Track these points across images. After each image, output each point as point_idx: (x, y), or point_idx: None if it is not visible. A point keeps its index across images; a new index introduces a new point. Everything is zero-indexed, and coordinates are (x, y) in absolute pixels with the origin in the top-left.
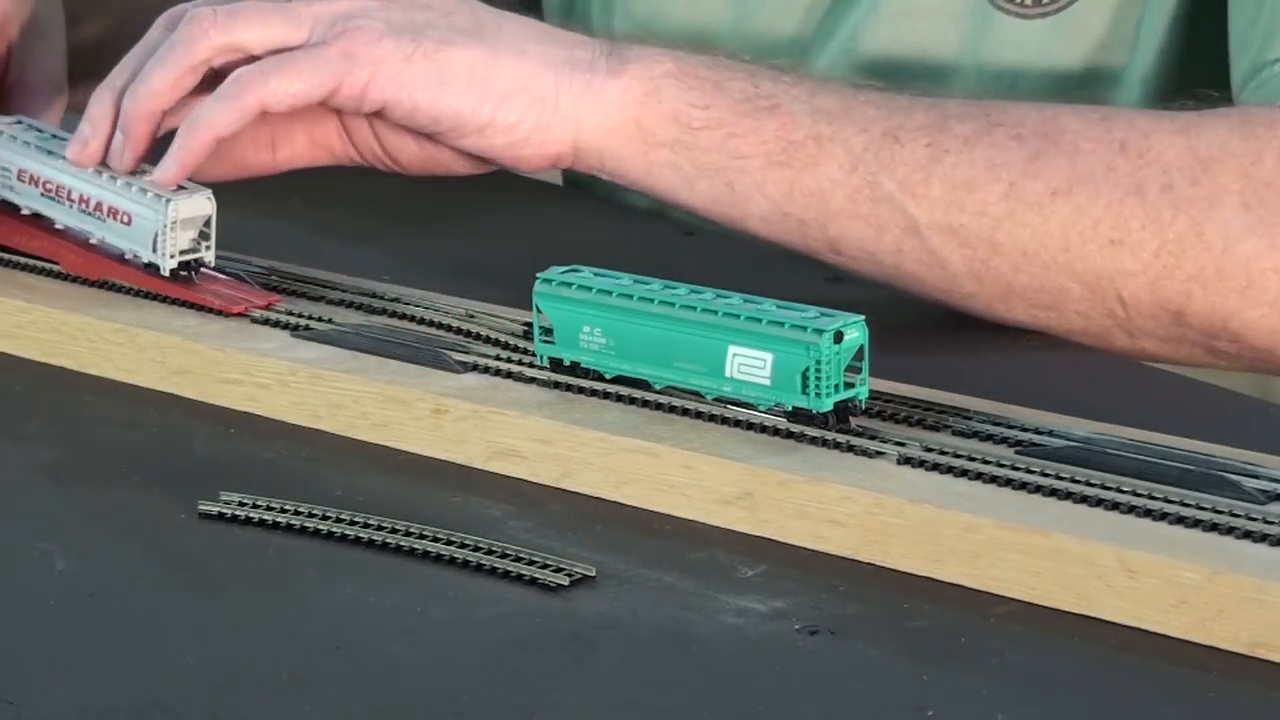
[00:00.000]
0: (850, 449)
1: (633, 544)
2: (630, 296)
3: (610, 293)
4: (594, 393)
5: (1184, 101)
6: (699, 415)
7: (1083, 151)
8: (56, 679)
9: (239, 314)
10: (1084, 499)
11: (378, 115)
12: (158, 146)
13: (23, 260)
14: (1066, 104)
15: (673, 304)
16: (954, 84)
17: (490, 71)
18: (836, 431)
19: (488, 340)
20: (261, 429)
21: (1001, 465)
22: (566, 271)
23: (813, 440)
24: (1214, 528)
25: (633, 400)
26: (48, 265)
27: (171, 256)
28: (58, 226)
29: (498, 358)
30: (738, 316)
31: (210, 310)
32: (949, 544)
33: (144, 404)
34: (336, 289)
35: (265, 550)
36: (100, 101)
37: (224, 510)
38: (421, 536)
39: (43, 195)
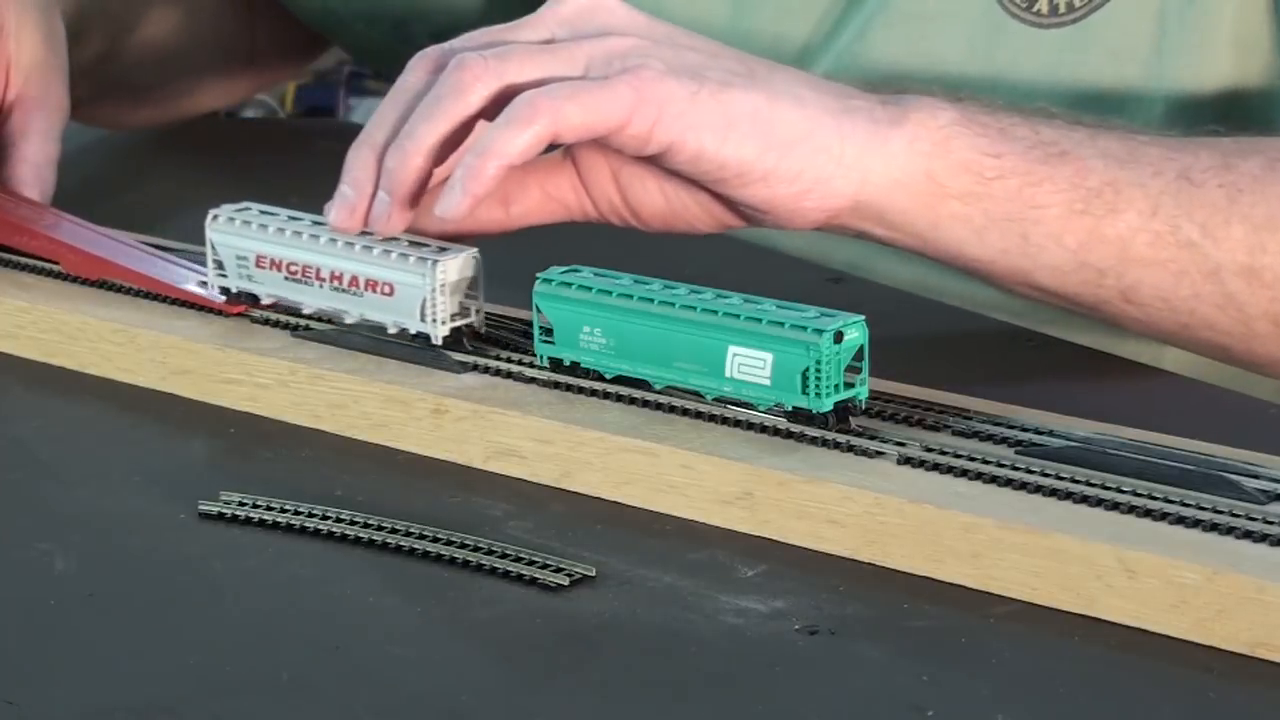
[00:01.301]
0: (850, 449)
1: (633, 544)
2: (630, 296)
3: (610, 293)
4: (594, 393)
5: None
6: (699, 415)
7: None
8: (56, 679)
9: (239, 314)
10: (1084, 499)
11: (653, 159)
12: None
13: (23, 260)
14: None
15: (673, 304)
16: (964, 92)
17: (772, 117)
18: (836, 431)
19: (487, 340)
20: (261, 429)
21: (1001, 465)
22: (566, 272)
23: (812, 440)
24: (1214, 528)
25: (633, 400)
26: (48, 265)
27: (442, 323)
28: (305, 312)
29: (498, 357)
30: (738, 316)
31: (210, 310)
32: (949, 544)
33: (144, 404)
34: None
35: (265, 550)
36: (361, 160)
37: (224, 510)
38: (421, 536)
39: (287, 279)
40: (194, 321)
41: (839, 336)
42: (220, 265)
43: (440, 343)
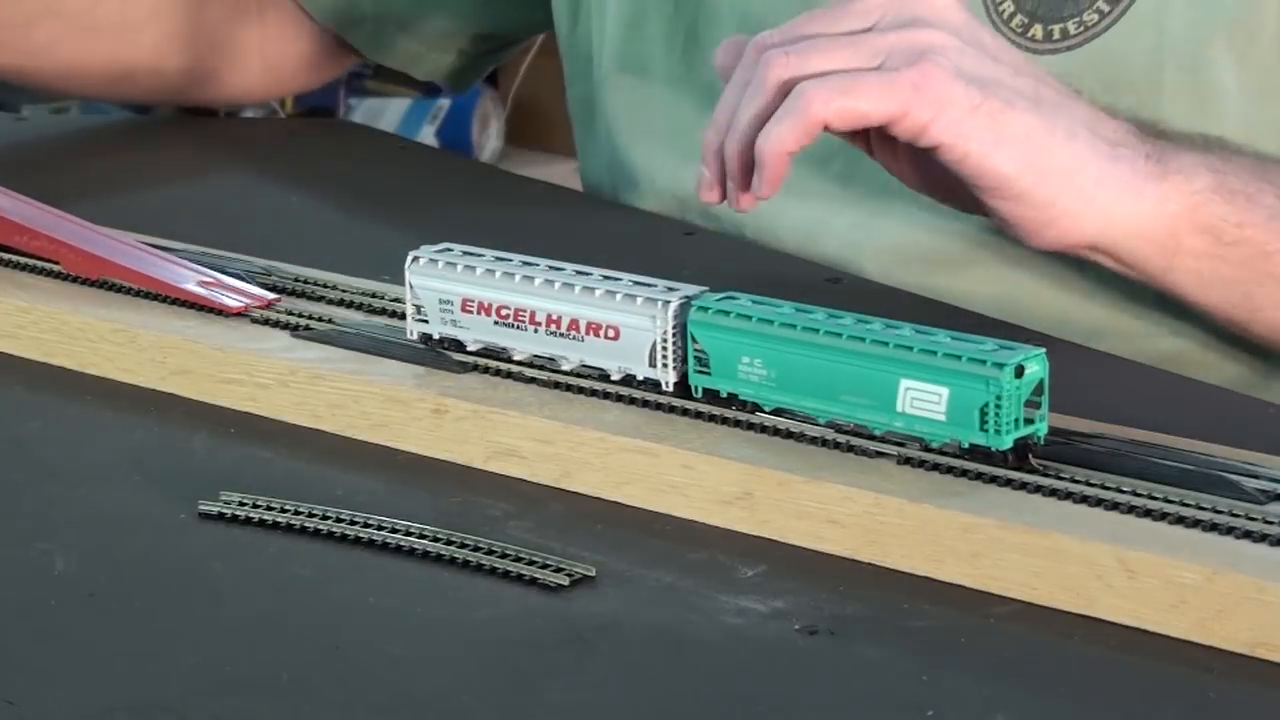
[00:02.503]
0: (850, 449)
1: (633, 544)
2: (794, 326)
3: (772, 321)
4: (594, 393)
5: None
6: (699, 415)
7: None
8: (56, 679)
9: (239, 314)
10: (1084, 499)
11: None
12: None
13: (23, 260)
14: None
15: (840, 334)
16: None
17: (1043, 144)
18: (1016, 470)
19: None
20: (261, 429)
21: (1001, 465)
22: (723, 298)
23: (812, 440)
24: (1214, 528)
25: (633, 400)
26: (48, 265)
27: (673, 368)
28: (515, 358)
29: (497, 357)
30: (911, 348)
31: (210, 310)
32: (949, 544)
33: (144, 404)
34: (336, 289)
35: (265, 550)
36: (707, 144)
37: (224, 510)
38: (421, 536)
39: (497, 324)
40: (194, 321)
41: (1020, 370)
42: (420, 309)
43: (671, 389)
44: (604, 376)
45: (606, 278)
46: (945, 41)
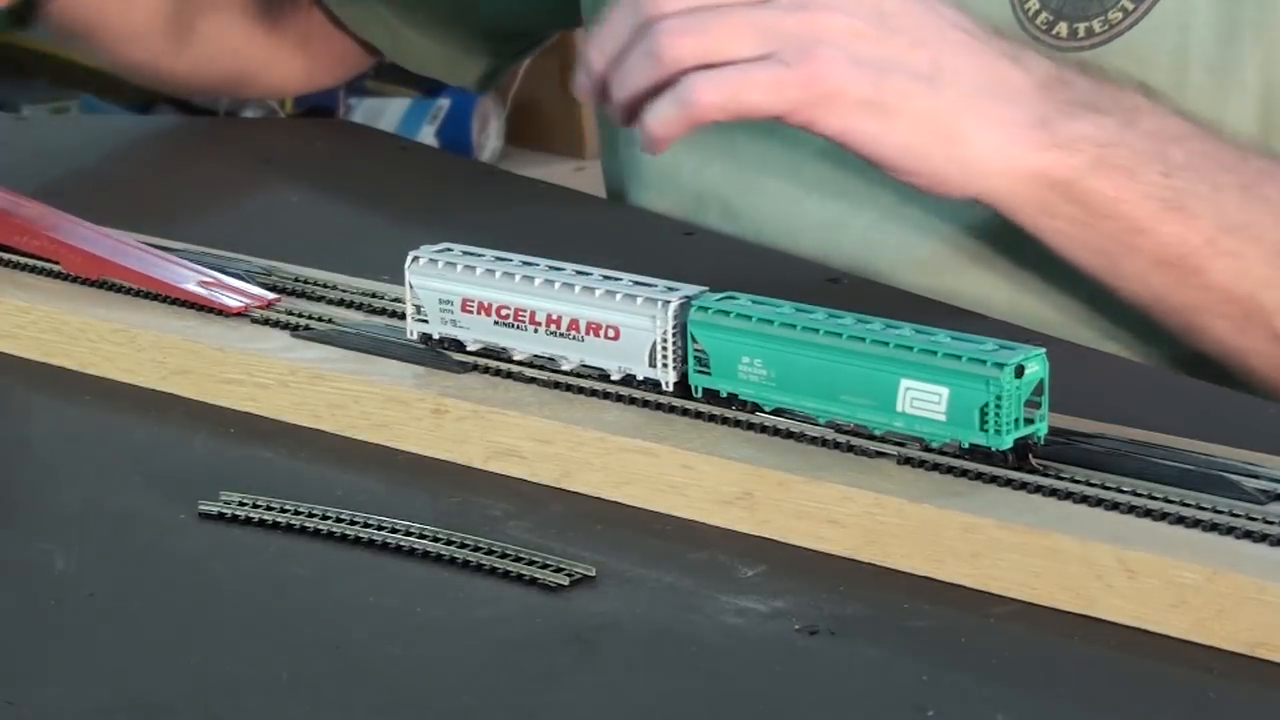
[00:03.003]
0: (850, 449)
1: (633, 544)
2: (794, 326)
3: (772, 321)
4: (594, 393)
5: None
6: (699, 415)
7: None
8: (56, 679)
9: (239, 314)
10: (1084, 499)
11: None
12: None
13: (23, 260)
14: None
15: (840, 334)
16: None
17: (934, 125)
18: (1015, 470)
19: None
20: (261, 429)
21: (1001, 465)
22: (723, 299)
23: (812, 440)
24: (1214, 528)
25: (633, 400)
26: (48, 265)
27: (673, 368)
28: (515, 358)
29: (497, 357)
30: (910, 348)
31: (210, 310)
32: (949, 544)
33: (144, 404)
34: (336, 289)
35: (265, 550)
36: (590, 61)
37: (224, 510)
38: (421, 536)
39: (497, 324)
40: (194, 321)
41: (1020, 370)
42: (420, 309)
43: (671, 389)
44: (604, 376)
45: (606, 278)
46: (842, 25)
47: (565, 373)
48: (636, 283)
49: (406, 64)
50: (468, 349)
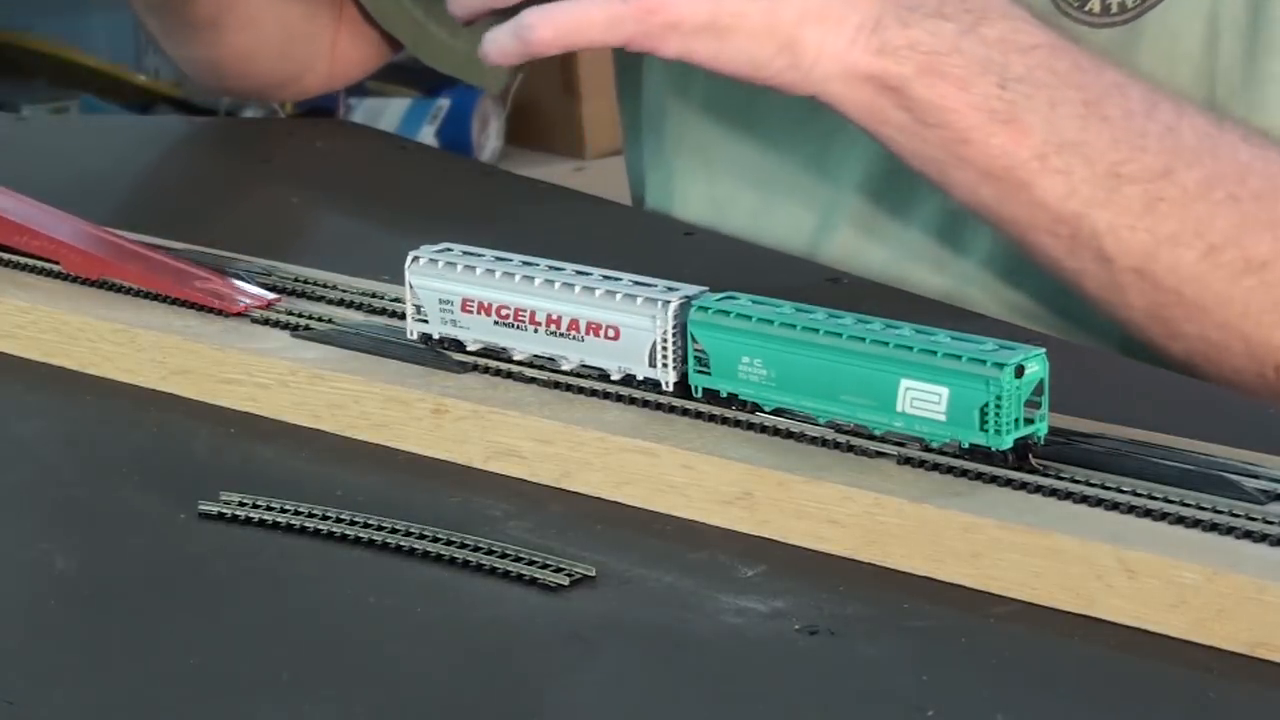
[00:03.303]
0: (850, 449)
1: (633, 544)
2: (793, 326)
3: (772, 321)
4: (594, 393)
5: None
6: (699, 415)
7: None
8: (56, 679)
9: (239, 314)
10: (1084, 499)
11: None
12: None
13: (23, 260)
14: None
15: (840, 334)
16: None
17: (773, 39)
18: (1015, 470)
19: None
20: (261, 429)
21: (1001, 465)
22: (723, 299)
23: (812, 440)
24: (1214, 528)
25: (633, 400)
26: (48, 265)
27: (673, 368)
28: (515, 358)
29: (497, 357)
30: (910, 348)
31: (210, 310)
32: (949, 544)
33: (144, 404)
34: (336, 289)
35: (265, 550)
36: None
37: (224, 510)
38: (421, 536)
39: (497, 324)
40: (194, 321)
41: (1020, 370)
42: (420, 310)
43: (671, 389)
44: (604, 376)
45: (606, 278)
46: None
47: (565, 373)
48: (636, 283)
49: (429, 60)
50: (468, 349)
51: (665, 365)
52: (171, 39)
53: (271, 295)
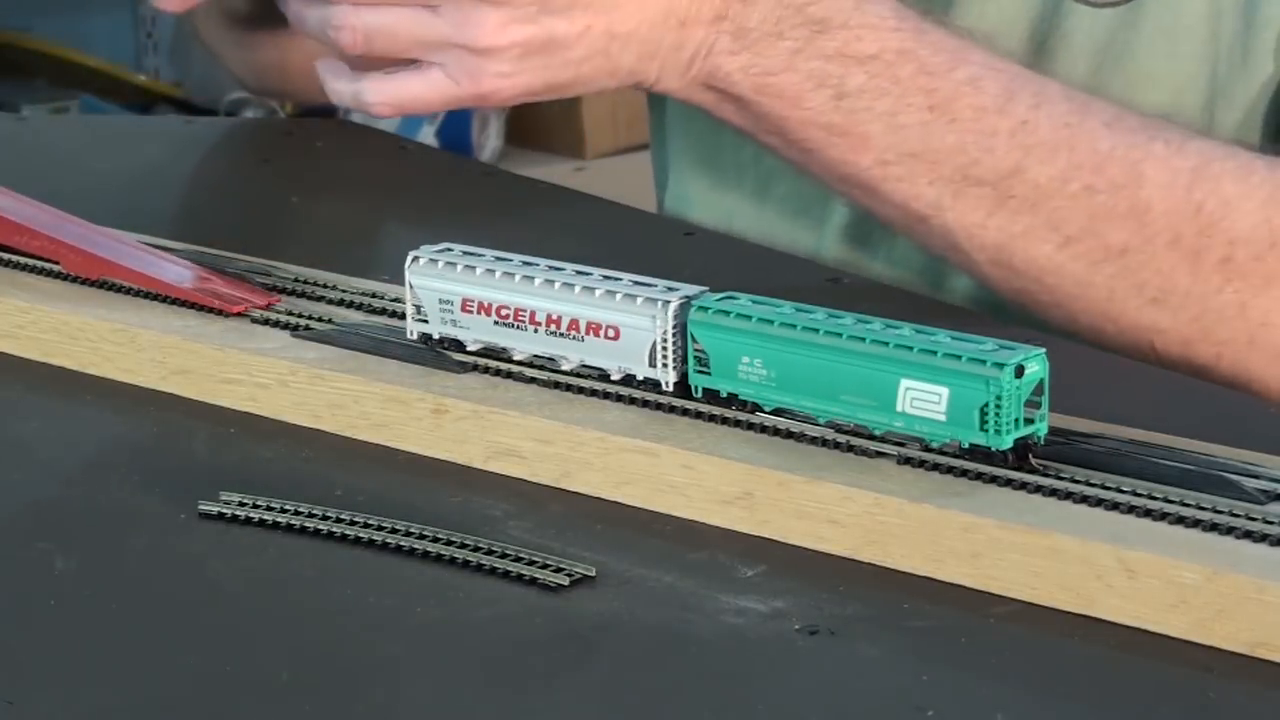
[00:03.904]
0: (850, 449)
1: (633, 544)
2: (794, 326)
3: (772, 321)
4: (594, 393)
5: None
6: (699, 415)
7: (1153, 213)
8: (56, 679)
9: (239, 314)
10: (1084, 499)
11: None
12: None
13: (23, 260)
14: (1163, 139)
15: (840, 334)
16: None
17: (609, 73)
18: (1015, 470)
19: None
20: (261, 429)
21: (1001, 465)
22: (723, 299)
23: (812, 440)
24: (1214, 528)
25: (633, 400)
26: (48, 265)
27: (673, 368)
28: (515, 358)
29: (497, 357)
30: (910, 348)
31: (210, 310)
32: (949, 544)
33: (144, 404)
34: (336, 289)
35: (265, 550)
36: None
37: (224, 510)
38: (421, 536)
39: (497, 324)
40: (194, 321)
41: (1020, 370)
42: (420, 310)
43: (671, 389)
44: (604, 376)
45: (606, 278)
46: (503, 39)
47: (565, 373)
48: (636, 283)
49: None
50: (468, 349)
51: (665, 365)
52: (240, 47)
53: (271, 295)
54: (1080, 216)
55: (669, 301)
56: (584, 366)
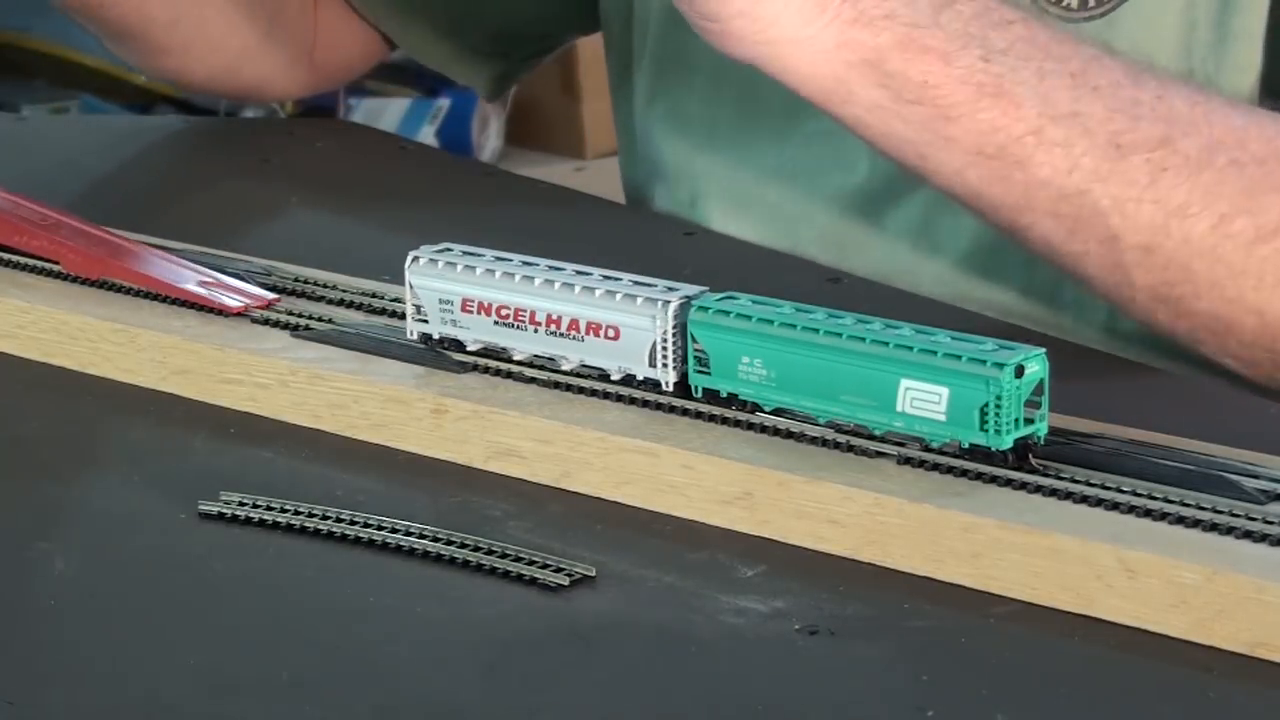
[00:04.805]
0: (850, 449)
1: (633, 544)
2: (793, 326)
3: (772, 322)
4: (594, 393)
5: None
6: (699, 415)
7: None
8: (56, 679)
9: (239, 314)
10: (1084, 499)
11: None
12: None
13: (23, 260)
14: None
15: (839, 334)
16: None
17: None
18: (1015, 470)
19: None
20: (261, 429)
21: (1001, 465)
22: (723, 299)
23: (812, 440)
24: (1214, 528)
25: (633, 400)
26: (48, 265)
27: (673, 368)
28: (515, 358)
29: (497, 357)
30: (910, 348)
31: (210, 310)
32: (949, 544)
33: (144, 404)
34: (336, 289)
35: (265, 550)
36: None
37: (224, 510)
38: (421, 536)
39: (497, 324)
40: (194, 321)
41: (1020, 370)
42: (420, 310)
43: (671, 389)
44: (604, 376)
45: (606, 278)
46: None
47: (565, 373)
48: (636, 283)
49: (418, 57)
50: (468, 349)
51: (665, 365)
52: (139, 60)
53: (271, 295)
54: (1232, 191)
55: (669, 301)
56: (584, 366)
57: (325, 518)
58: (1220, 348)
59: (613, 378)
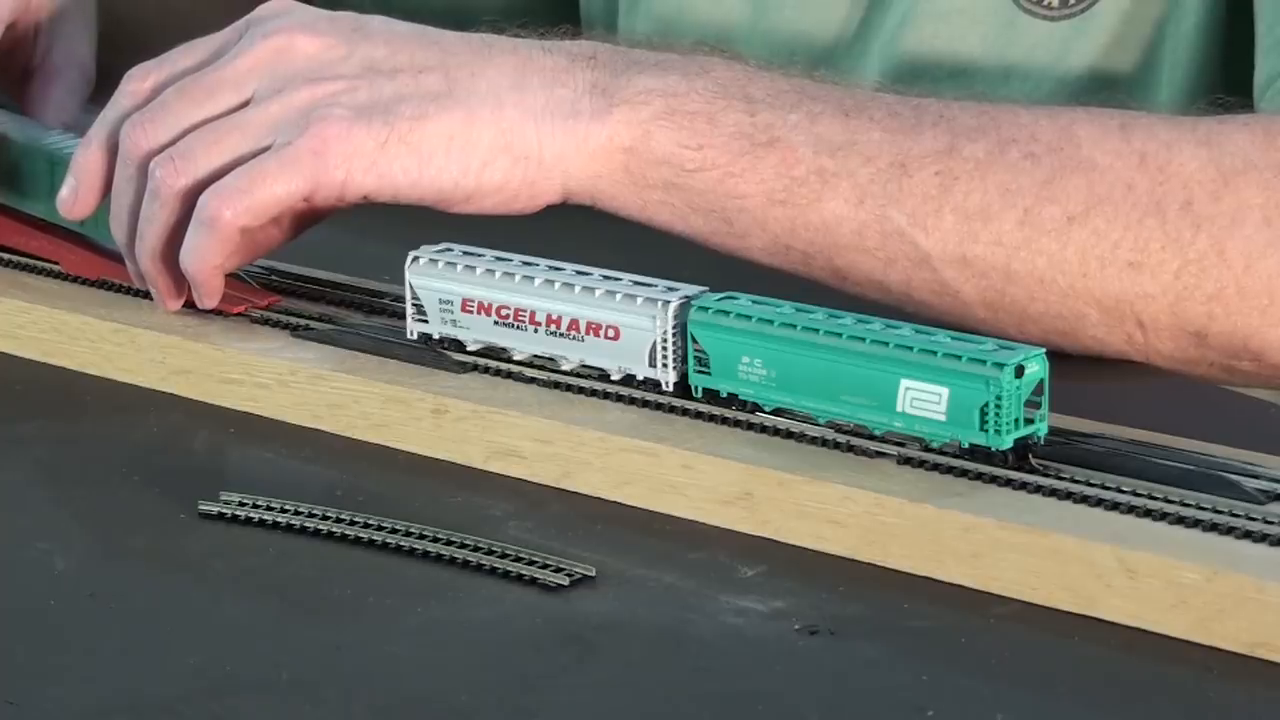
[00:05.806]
0: (850, 449)
1: (633, 544)
2: (793, 326)
3: (772, 321)
4: (594, 393)
5: (1202, 106)
6: (699, 415)
7: (1100, 168)
8: (56, 679)
9: (239, 314)
10: (1084, 499)
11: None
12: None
13: (23, 260)
14: (1082, 108)
15: (839, 334)
16: (977, 86)
17: (468, 139)
18: (1015, 470)
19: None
20: (261, 429)
21: (1001, 465)
22: (723, 299)
23: (812, 440)
24: (1214, 528)
25: (633, 400)
26: (48, 265)
27: (673, 368)
28: (515, 358)
29: (497, 357)
30: (910, 348)
31: (210, 310)
32: (949, 544)
33: (144, 404)
34: (336, 289)
35: (265, 550)
36: (88, 154)
37: (224, 510)
38: (421, 536)
39: (497, 324)
40: (194, 321)
41: (1020, 370)
42: (420, 309)
43: (671, 389)
44: (604, 376)
45: (606, 278)
46: (329, 89)
47: (565, 373)
48: (636, 283)
49: None
50: (468, 349)
51: (665, 365)
52: None
53: (271, 295)
54: (1030, 183)
55: (669, 301)
56: (584, 366)
57: (325, 518)
58: (1082, 348)
59: (613, 378)
